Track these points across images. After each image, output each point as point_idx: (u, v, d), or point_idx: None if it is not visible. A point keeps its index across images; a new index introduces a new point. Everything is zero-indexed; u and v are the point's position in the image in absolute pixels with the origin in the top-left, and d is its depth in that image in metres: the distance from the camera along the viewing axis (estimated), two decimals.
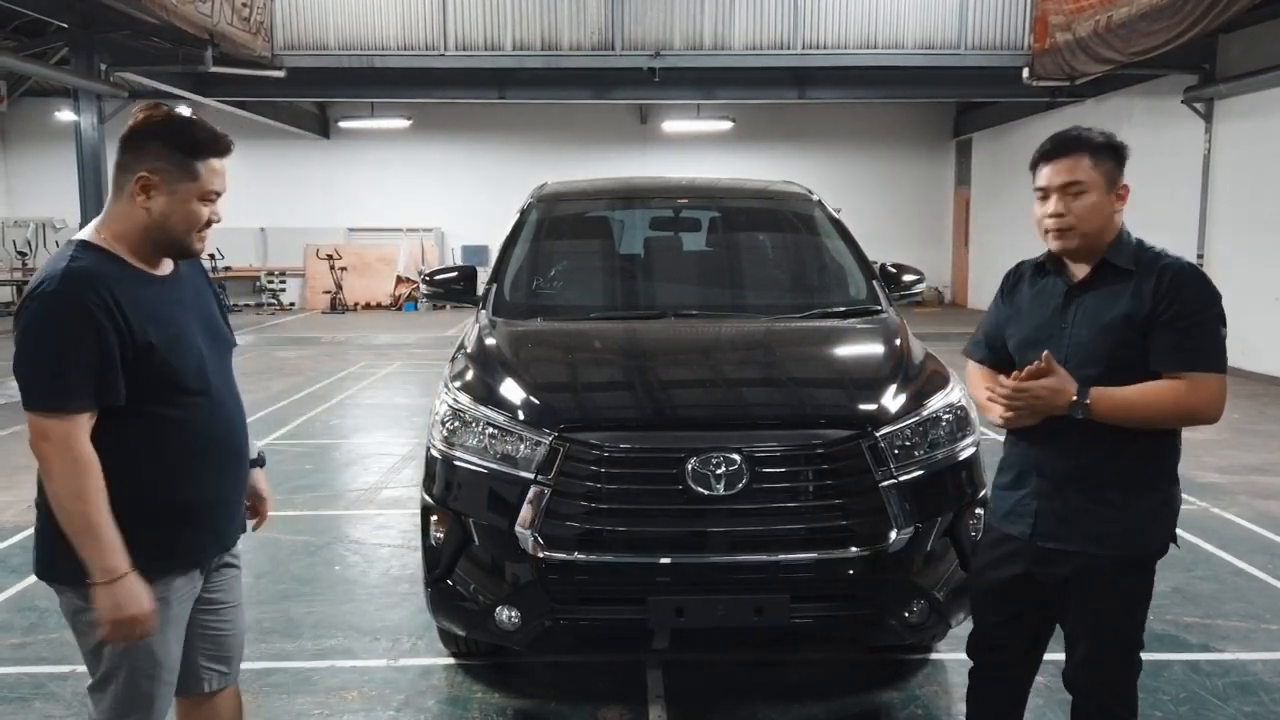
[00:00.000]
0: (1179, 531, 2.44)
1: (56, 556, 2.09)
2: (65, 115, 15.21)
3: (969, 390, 2.73)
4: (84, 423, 2.01)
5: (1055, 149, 2.39)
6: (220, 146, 2.14)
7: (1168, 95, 12.26)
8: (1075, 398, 2.27)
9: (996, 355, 2.62)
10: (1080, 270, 2.43)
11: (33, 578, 4.54)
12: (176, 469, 2.16)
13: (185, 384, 2.14)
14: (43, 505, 2.12)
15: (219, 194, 2.17)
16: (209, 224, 2.17)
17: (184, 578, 2.22)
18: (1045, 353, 2.30)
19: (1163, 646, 4.00)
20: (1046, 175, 2.40)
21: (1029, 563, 2.48)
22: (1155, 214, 12.79)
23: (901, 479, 3.08)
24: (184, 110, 2.19)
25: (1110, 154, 2.37)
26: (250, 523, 2.54)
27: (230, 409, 2.29)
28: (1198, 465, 6.88)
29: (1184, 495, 2.48)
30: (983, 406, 2.55)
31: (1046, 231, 2.41)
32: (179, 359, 2.12)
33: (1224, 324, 2.32)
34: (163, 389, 2.11)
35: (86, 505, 2.00)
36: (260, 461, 2.57)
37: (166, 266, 2.23)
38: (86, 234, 2.15)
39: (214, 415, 2.22)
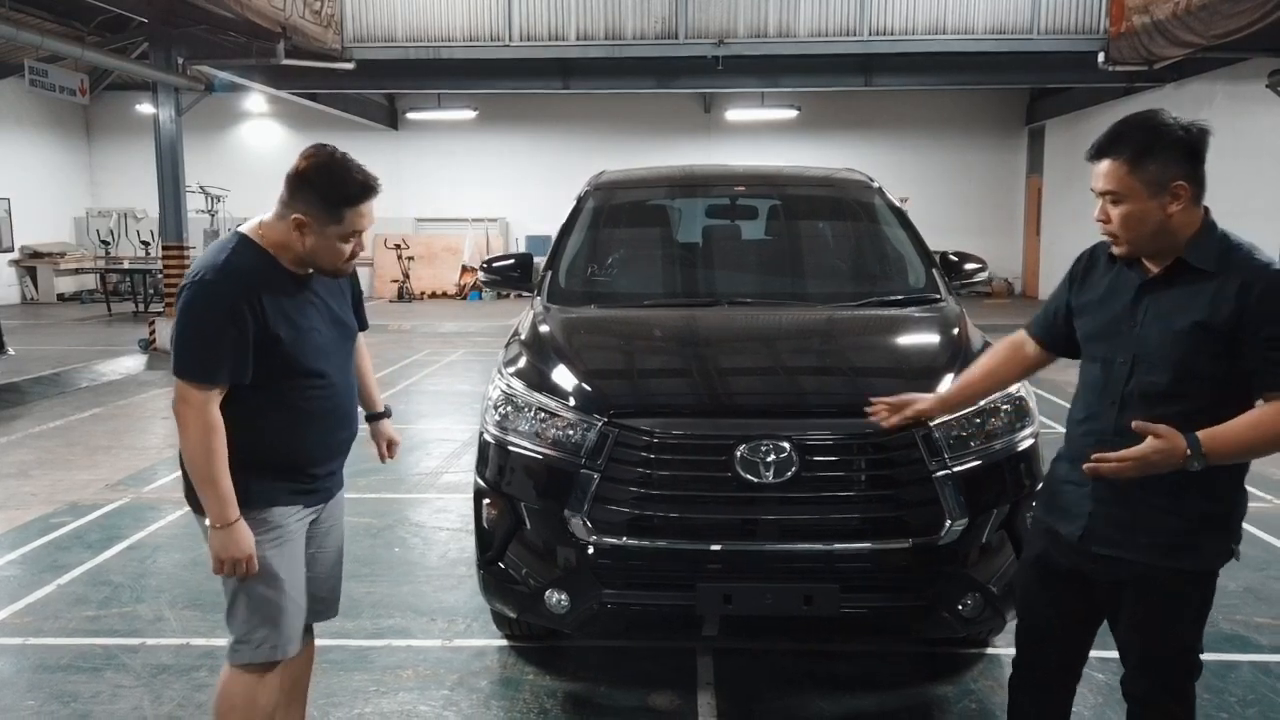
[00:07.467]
0: (1253, 530, 2.33)
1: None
2: (145, 108, 15.72)
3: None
4: (217, 394, 2.37)
5: (1097, 150, 2.21)
6: (368, 194, 2.42)
7: (1251, 79, 11.81)
8: (1189, 452, 2.06)
9: (1053, 339, 2.53)
10: (1155, 264, 2.24)
11: (107, 554, 4.77)
12: (289, 432, 2.50)
13: (303, 370, 2.46)
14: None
15: (362, 231, 2.47)
16: (354, 254, 2.48)
17: (292, 508, 2.55)
18: (1137, 423, 2.11)
19: (1231, 647, 3.88)
20: (1093, 177, 2.23)
21: (1080, 562, 2.38)
22: (1237, 202, 12.37)
23: (956, 470, 3.03)
24: (341, 154, 2.44)
25: (1159, 154, 2.13)
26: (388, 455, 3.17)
27: (341, 389, 2.61)
28: (1272, 460, 6.62)
29: (1258, 492, 2.36)
30: None
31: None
32: (299, 350, 2.44)
33: None
34: (282, 372, 2.43)
35: (210, 461, 2.35)
36: (387, 413, 3.13)
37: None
38: (248, 229, 2.46)
39: (327, 394, 2.54)
